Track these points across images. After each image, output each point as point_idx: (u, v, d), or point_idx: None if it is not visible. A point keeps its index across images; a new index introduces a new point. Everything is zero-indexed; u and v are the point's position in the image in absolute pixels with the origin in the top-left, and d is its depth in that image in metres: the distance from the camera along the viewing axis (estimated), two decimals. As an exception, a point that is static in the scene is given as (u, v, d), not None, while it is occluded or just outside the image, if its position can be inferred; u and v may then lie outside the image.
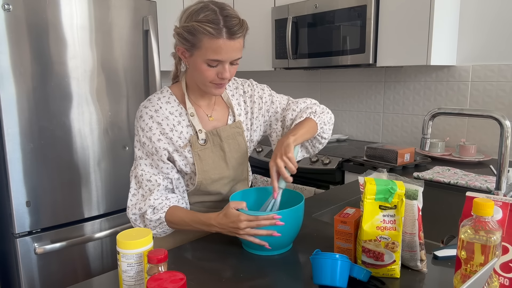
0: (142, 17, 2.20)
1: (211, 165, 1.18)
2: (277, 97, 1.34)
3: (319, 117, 1.26)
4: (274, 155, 1.11)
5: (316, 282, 0.85)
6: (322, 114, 1.28)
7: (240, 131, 1.23)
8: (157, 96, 1.17)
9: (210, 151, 1.18)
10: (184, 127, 1.15)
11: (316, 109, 1.28)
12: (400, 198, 0.87)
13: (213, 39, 1.02)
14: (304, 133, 1.18)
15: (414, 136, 2.40)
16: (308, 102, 1.33)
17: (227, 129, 1.21)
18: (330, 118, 1.32)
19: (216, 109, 1.23)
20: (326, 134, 1.31)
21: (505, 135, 1.13)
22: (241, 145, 1.24)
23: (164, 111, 1.14)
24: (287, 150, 1.09)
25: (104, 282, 0.95)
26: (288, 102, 1.35)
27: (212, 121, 1.21)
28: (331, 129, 1.33)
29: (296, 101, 1.33)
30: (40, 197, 1.93)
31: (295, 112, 1.29)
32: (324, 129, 1.29)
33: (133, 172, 1.17)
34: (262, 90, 1.31)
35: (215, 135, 1.18)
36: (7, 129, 1.81)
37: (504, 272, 0.78)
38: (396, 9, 2.04)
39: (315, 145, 1.33)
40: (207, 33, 1.02)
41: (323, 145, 1.34)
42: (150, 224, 1.14)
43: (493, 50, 2.05)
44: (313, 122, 1.23)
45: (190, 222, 1.10)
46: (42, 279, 1.96)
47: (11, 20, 1.78)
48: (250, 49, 2.85)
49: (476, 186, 1.55)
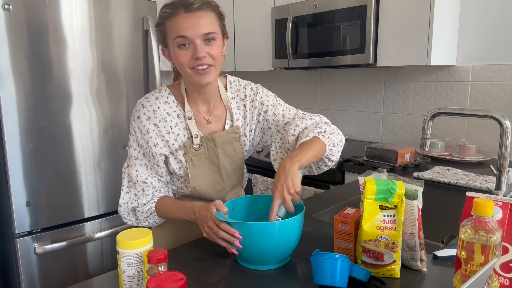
0: (142, 17, 2.20)
1: (203, 170, 1.16)
2: (283, 108, 1.25)
3: (328, 137, 1.15)
4: (281, 187, 1.00)
5: (316, 282, 0.85)
6: (332, 135, 1.17)
7: (237, 136, 1.20)
8: (155, 95, 1.14)
9: (204, 156, 1.15)
10: (181, 129, 1.14)
11: (326, 128, 1.17)
12: (400, 198, 0.87)
13: (172, 17, 1.03)
14: (310, 158, 1.08)
15: (414, 136, 2.40)
16: (316, 119, 1.23)
17: (223, 135, 1.17)
18: (341, 140, 1.21)
19: (215, 113, 1.19)
20: (334, 156, 1.20)
21: (505, 135, 1.13)
22: (237, 150, 1.21)
23: (162, 111, 1.12)
24: (295, 183, 1.01)
25: (104, 282, 0.95)
26: (294, 116, 1.25)
27: (210, 125, 1.18)
28: (340, 152, 1.22)
29: (302, 116, 1.23)
30: (40, 197, 1.93)
31: (298, 128, 1.19)
32: (333, 151, 1.19)
33: (126, 170, 1.16)
34: (267, 96, 1.24)
35: (209, 141, 1.15)
36: (7, 129, 1.81)
37: (504, 272, 0.78)
38: (396, 9, 2.03)
39: (320, 167, 1.23)
40: (167, 15, 1.03)
41: (329, 167, 1.23)
42: (141, 215, 1.15)
43: (493, 50, 2.05)
44: (321, 144, 1.13)
45: (176, 210, 1.11)
46: (42, 279, 1.96)
47: (11, 20, 1.78)
48: (250, 49, 2.85)
49: (476, 186, 1.55)
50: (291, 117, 1.24)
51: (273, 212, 0.99)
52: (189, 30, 1.02)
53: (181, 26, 1.02)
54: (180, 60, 1.05)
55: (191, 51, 1.04)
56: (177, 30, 1.02)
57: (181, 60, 1.05)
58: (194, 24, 1.02)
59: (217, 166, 1.18)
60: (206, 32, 1.03)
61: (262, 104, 1.23)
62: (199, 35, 1.03)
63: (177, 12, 1.02)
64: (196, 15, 1.02)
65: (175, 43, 1.04)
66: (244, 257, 0.97)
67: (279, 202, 1.00)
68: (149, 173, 1.15)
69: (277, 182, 1.01)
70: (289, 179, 1.00)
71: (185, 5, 1.02)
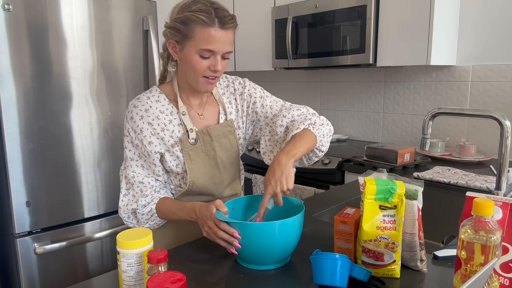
0: (142, 17, 2.20)
1: (200, 164, 1.17)
2: (270, 100, 1.28)
3: (318, 129, 1.19)
4: (274, 183, 1.02)
5: (316, 282, 0.85)
6: (322, 126, 1.21)
7: (231, 129, 1.22)
8: (146, 95, 1.15)
9: (201, 150, 1.17)
10: (175, 125, 1.15)
11: (315, 120, 1.21)
12: (400, 198, 0.87)
13: (206, 27, 1.03)
14: (303, 151, 1.11)
15: (414, 136, 2.40)
16: (303, 110, 1.26)
17: (218, 128, 1.19)
18: (330, 130, 1.24)
19: (208, 108, 1.22)
20: (324, 147, 1.24)
21: (505, 135, 1.13)
22: (232, 143, 1.23)
23: (155, 110, 1.13)
24: (289, 182, 1.02)
25: (104, 282, 0.95)
26: (281, 107, 1.28)
27: (204, 120, 1.20)
28: (329, 142, 1.26)
29: (289, 108, 1.26)
30: (40, 197, 1.93)
31: (285, 118, 1.22)
32: (323, 141, 1.22)
33: (123, 172, 1.17)
34: (254, 89, 1.27)
35: (205, 134, 1.17)
36: (7, 129, 1.81)
37: (504, 272, 0.78)
38: (396, 9, 2.04)
39: (311, 158, 1.27)
40: (200, 21, 1.03)
41: (319, 158, 1.27)
42: (142, 217, 1.15)
43: (493, 50, 2.05)
44: (312, 135, 1.16)
45: (176, 211, 1.12)
46: (42, 279, 1.96)
47: (11, 20, 1.78)
48: (250, 49, 2.85)
49: (476, 186, 1.55)
50: (279, 109, 1.27)
51: (263, 206, 1.02)
52: (219, 46, 1.05)
53: (213, 40, 1.04)
54: (197, 67, 1.07)
55: (210, 62, 1.07)
56: (208, 42, 1.04)
57: (198, 67, 1.07)
58: (224, 41, 1.06)
59: (214, 160, 1.20)
60: (229, 50, 1.08)
61: (250, 97, 1.27)
62: (224, 52, 1.07)
63: (212, 24, 1.03)
64: (227, 33, 1.06)
65: (198, 50, 1.05)
66: (244, 257, 0.97)
67: (270, 197, 1.03)
68: (146, 173, 1.15)
69: (271, 177, 1.03)
70: (283, 176, 1.02)
71: (221, 20, 1.04)
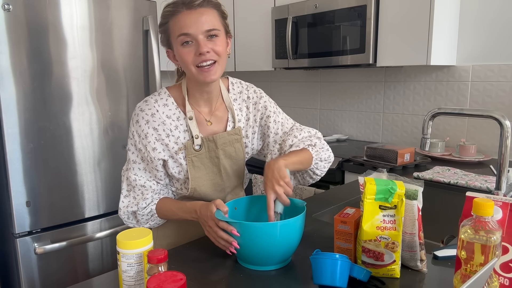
0: (142, 17, 2.20)
1: (203, 171, 1.15)
2: (282, 117, 1.26)
3: (317, 151, 1.19)
4: (270, 182, 1.02)
5: (316, 282, 0.85)
6: (321, 150, 1.21)
7: (238, 137, 1.19)
8: (154, 98, 1.13)
9: (204, 157, 1.15)
10: (181, 132, 1.13)
11: (316, 142, 1.20)
12: (400, 198, 0.87)
13: (175, 15, 1.04)
14: (296, 162, 1.11)
15: (414, 136, 2.40)
16: (312, 132, 1.25)
17: (224, 136, 1.16)
18: (329, 156, 1.24)
19: (216, 114, 1.18)
20: (319, 171, 1.23)
21: (505, 135, 1.13)
22: (238, 151, 1.20)
23: (161, 115, 1.11)
24: (282, 174, 1.03)
25: (104, 282, 0.95)
26: (292, 127, 1.27)
27: (211, 126, 1.17)
28: (326, 168, 1.25)
29: (301, 129, 1.25)
30: (40, 197, 1.93)
31: (296, 139, 1.21)
32: (319, 165, 1.22)
33: (125, 173, 1.16)
34: (269, 102, 1.25)
35: (210, 141, 1.14)
36: (7, 129, 1.81)
37: (504, 272, 0.78)
38: (396, 9, 2.03)
39: (305, 178, 1.25)
40: (168, 13, 1.04)
41: (314, 180, 1.26)
42: (142, 218, 1.15)
43: (493, 50, 2.05)
44: (309, 155, 1.16)
45: (177, 211, 1.11)
46: (42, 279, 1.96)
47: (11, 20, 1.78)
48: (250, 49, 2.85)
49: (476, 186, 1.55)
50: (289, 127, 1.27)
51: (270, 208, 1.02)
52: (191, 27, 1.02)
53: (183, 24, 1.02)
54: (184, 59, 1.04)
55: (195, 48, 1.04)
56: (180, 28, 1.03)
57: (185, 58, 1.04)
58: (196, 21, 1.02)
59: (217, 167, 1.18)
60: (208, 28, 1.03)
61: (265, 109, 1.24)
62: (202, 31, 1.03)
63: (179, 10, 1.03)
64: (197, 12, 1.03)
65: (178, 42, 1.04)
66: (245, 257, 0.97)
67: (273, 197, 1.02)
68: (148, 176, 1.14)
69: (266, 180, 1.04)
70: (275, 172, 1.03)
71: (186, 3, 1.02)
